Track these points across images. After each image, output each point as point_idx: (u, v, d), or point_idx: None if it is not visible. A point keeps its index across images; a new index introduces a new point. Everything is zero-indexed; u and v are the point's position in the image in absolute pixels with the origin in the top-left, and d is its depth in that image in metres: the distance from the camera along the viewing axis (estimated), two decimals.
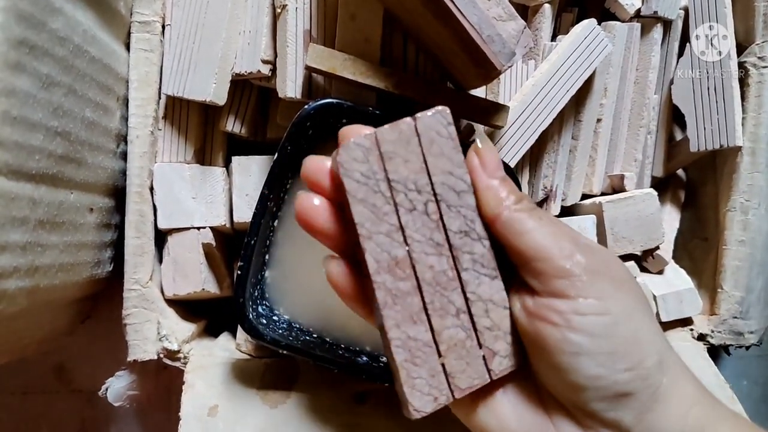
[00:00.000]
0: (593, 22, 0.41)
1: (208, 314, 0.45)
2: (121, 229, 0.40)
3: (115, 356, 0.42)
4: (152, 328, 0.38)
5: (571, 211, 0.45)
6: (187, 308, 0.42)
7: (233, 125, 0.40)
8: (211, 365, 0.38)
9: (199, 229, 0.39)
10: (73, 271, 0.35)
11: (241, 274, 0.34)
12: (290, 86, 0.35)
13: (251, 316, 0.34)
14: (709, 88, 0.43)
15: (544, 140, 0.42)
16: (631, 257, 0.44)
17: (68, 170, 0.33)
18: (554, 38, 0.43)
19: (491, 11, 0.30)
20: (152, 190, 0.39)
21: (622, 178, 0.44)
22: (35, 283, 0.31)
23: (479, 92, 0.40)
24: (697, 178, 0.49)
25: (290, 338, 0.35)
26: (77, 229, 0.35)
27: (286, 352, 0.34)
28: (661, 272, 0.46)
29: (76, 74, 0.33)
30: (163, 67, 0.38)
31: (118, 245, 0.41)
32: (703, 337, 0.44)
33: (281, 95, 0.36)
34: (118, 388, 0.41)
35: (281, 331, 0.35)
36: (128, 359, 0.38)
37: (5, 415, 0.48)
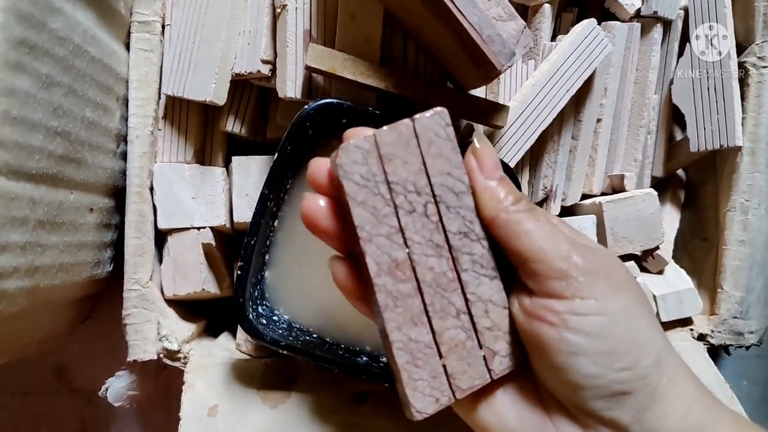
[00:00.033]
0: (593, 22, 0.41)
1: (208, 314, 0.45)
2: (121, 229, 0.40)
3: (115, 356, 0.42)
4: (152, 328, 0.38)
5: (571, 211, 0.45)
6: (187, 308, 0.42)
7: (233, 125, 0.40)
8: (211, 365, 0.38)
9: (199, 229, 0.39)
10: (73, 271, 0.35)
11: (241, 274, 0.34)
12: (290, 86, 0.35)
13: (251, 316, 0.34)
14: (709, 88, 0.43)
15: (544, 140, 0.42)
16: (631, 257, 0.44)
17: (68, 170, 0.33)
18: (554, 38, 0.43)
19: (491, 11, 0.30)
20: (152, 190, 0.39)
21: (622, 178, 0.44)
22: (35, 283, 0.31)
23: (479, 92, 0.40)
24: (697, 178, 0.49)
25: (290, 338, 0.35)
26: (77, 229, 0.35)
27: (286, 352, 0.34)
28: (661, 272, 0.46)
29: (76, 74, 0.33)
30: (163, 67, 0.38)
31: (118, 245, 0.41)
32: (703, 337, 0.44)
33: (281, 95, 0.36)
34: (118, 388, 0.41)
35: (281, 331, 0.35)
36: (128, 359, 0.38)
37: (5, 415, 0.48)
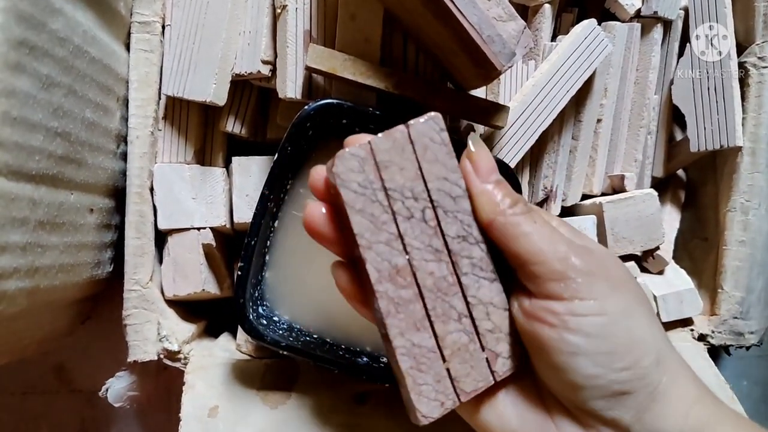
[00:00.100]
0: (593, 22, 0.41)
1: (208, 315, 0.45)
2: (121, 229, 0.40)
3: (115, 357, 0.42)
4: (152, 328, 0.38)
5: (571, 211, 0.45)
6: (187, 309, 0.42)
7: (233, 126, 0.40)
8: (211, 366, 0.38)
9: (199, 229, 0.39)
10: (73, 271, 0.35)
11: (241, 274, 0.34)
12: (290, 86, 0.35)
13: (251, 316, 0.34)
14: (709, 88, 0.43)
15: (544, 140, 0.42)
16: (631, 257, 0.44)
17: (68, 171, 0.33)
18: (554, 38, 0.43)
19: (491, 11, 0.30)
20: (152, 190, 0.39)
21: (622, 178, 0.44)
22: (35, 283, 0.31)
23: (479, 92, 0.40)
24: (697, 178, 0.49)
25: (290, 339, 0.35)
26: (77, 229, 0.35)
27: (286, 352, 0.34)
28: (661, 272, 0.46)
29: (76, 75, 0.33)
30: (163, 67, 0.38)
31: (118, 246, 0.41)
32: (703, 337, 0.44)
33: (281, 96, 0.36)
34: (118, 388, 0.41)
35: (281, 331, 0.35)
36: (128, 360, 0.38)
37: (5, 415, 0.48)
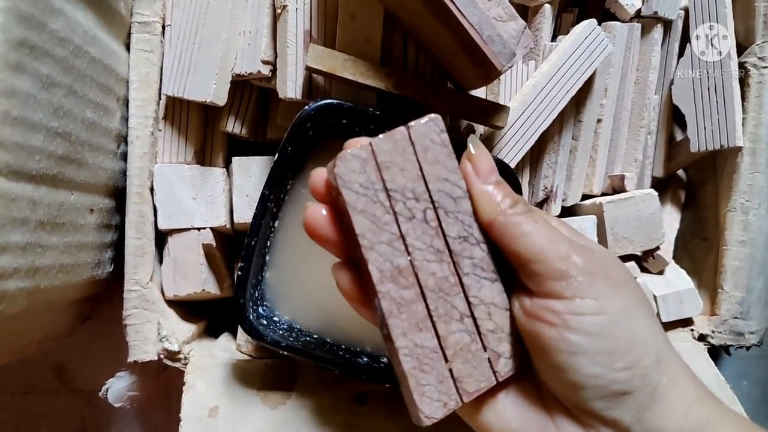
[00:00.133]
0: (593, 22, 0.41)
1: (208, 315, 0.45)
2: (121, 229, 0.40)
3: (115, 357, 0.42)
4: (152, 328, 0.38)
5: (571, 211, 0.45)
6: (187, 309, 0.42)
7: (233, 126, 0.40)
8: (211, 366, 0.38)
9: (199, 229, 0.39)
10: (73, 271, 0.35)
11: (241, 274, 0.34)
12: (290, 87, 0.35)
13: (252, 316, 0.34)
14: (709, 88, 0.43)
15: (544, 141, 0.42)
16: (631, 257, 0.44)
17: (69, 171, 0.33)
18: (554, 38, 0.43)
19: (491, 11, 0.30)
20: (152, 190, 0.39)
21: (622, 178, 0.44)
22: (35, 283, 0.31)
23: (479, 92, 0.40)
24: (697, 178, 0.49)
25: (291, 339, 0.35)
26: (77, 229, 0.35)
27: (286, 352, 0.34)
28: (661, 272, 0.46)
29: (76, 75, 0.33)
30: (163, 67, 0.38)
31: (118, 246, 0.41)
32: (703, 337, 0.44)
33: (281, 96, 0.36)
34: (118, 388, 0.41)
35: (282, 331, 0.35)
36: (128, 360, 0.38)
37: (5, 415, 0.48)
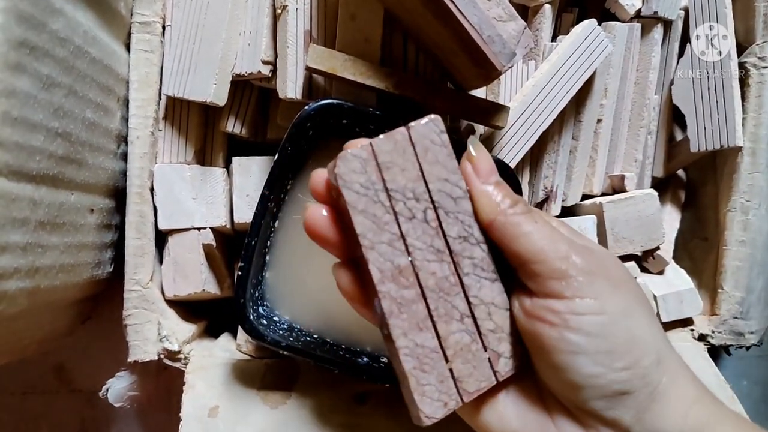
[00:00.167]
0: (593, 22, 0.41)
1: (208, 315, 0.45)
2: (121, 229, 0.40)
3: (115, 357, 0.42)
4: (153, 328, 0.38)
5: (571, 211, 0.45)
6: (187, 309, 0.42)
7: (233, 126, 0.40)
8: (211, 366, 0.38)
9: (199, 229, 0.39)
10: (73, 271, 0.35)
11: (241, 274, 0.34)
12: (290, 87, 0.35)
13: (252, 316, 0.34)
14: (709, 88, 0.43)
15: (544, 141, 0.42)
16: (631, 257, 0.44)
17: (69, 171, 0.33)
18: (554, 38, 0.43)
19: (491, 11, 0.30)
20: (152, 190, 0.39)
21: (622, 178, 0.44)
22: (36, 283, 0.31)
23: (479, 92, 0.40)
24: (697, 178, 0.49)
25: (291, 339, 0.35)
26: (78, 230, 0.35)
27: (286, 352, 0.34)
28: (661, 272, 0.46)
29: (76, 75, 0.33)
30: (163, 67, 0.38)
31: (118, 246, 0.41)
32: (703, 337, 0.44)
33: (281, 96, 0.36)
34: (118, 388, 0.41)
35: (282, 331, 0.35)
36: (129, 360, 0.38)
37: (5, 415, 0.48)
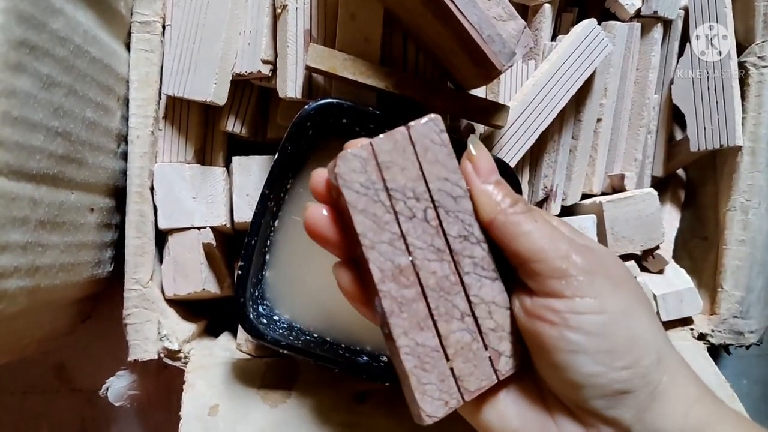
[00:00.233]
0: (593, 21, 0.41)
1: (208, 314, 0.45)
2: (121, 229, 0.40)
3: (115, 356, 0.42)
4: (153, 327, 0.38)
5: (571, 210, 0.45)
6: (187, 308, 0.42)
7: (233, 125, 0.40)
8: (211, 365, 0.38)
9: (199, 229, 0.39)
10: (73, 271, 0.35)
11: (241, 274, 0.34)
12: (290, 86, 0.35)
13: (252, 315, 0.34)
14: (709, 88, 0.43)
15: (544, 140, 0.42)
16: (631, 257, 0.44)
17: (69, 170, 0.33)
18: (554, 38, 0.43)
19: (491, 11, 0.30)
20: (152, 190, 0.39)
21: (622, 177, 0.44)
22: (36, 282, 0.31)
23: (479, 92, 0.40)
24: (697, 177, 0.49)
25: (291, 338, 0.35)
26: (78, 229, 0.35)
27: (286, 351, 0.34)
28: (661, 272, 0.46)
29: (76, 74, 0.33)
30: (163, 67, 0.38)
31: (118, 245, 0.41)
32: (703, 336, 0.44)
33: (281, 95, 0.36)
34: (118, 387, 0.41)
35: (282, 330, 0.35)
36: (129, 359, 0.38)
37: (5, 414, 0.48)
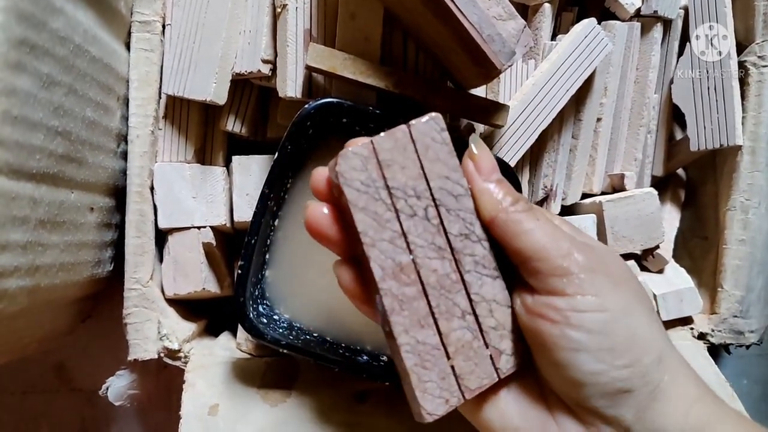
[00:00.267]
0: (593, 21, 0.41)
1: (208, 313, 0.45)
2: (121, 228, 0.40)
3: (115, 355, 0.42)
4: (153, 327, 0.38)
5: (571, 210, 0.45)
6: (187, 307, 0.42)
7: (233, 125, 0.40)
8: (211, 364, 0.38)
9: (199, 228, 0.39)
10: (73, 270, 0.35)
11: (241, 273, 0.34)
12: (290, 86, 0.35)
13: (252, 315, 0.34)
14: (709, 87, 0.43)
15: (544, 139, 0.42)
16: (631, 256, 0.44)
17: (69, 170, 0.33)
18: (554, 37, 0.43)
19: (491, 10, 0.30)
20: (152, 189, 0.39)
21: (622, 177, 0.44)
22: (36, 282, 0.31)
23: (479, 91, 0.40)
24: (697, 177, 0.49)
25: (291, 337, 0.35)
26: (78, 228, 0.35)
27: (286, 351, 0.34)
28: (661, 271, 0.46)
29: (76, 74, 0.33)
30: (163, 66, 0.38)
31: (118, 245, 0.41)
32: (703, 336, 0.44)
33: (281, 95, 0.36)
34: (118, 387, 0.41)
35: (282, 330, 0.35)
36: (129, 358, 0.38)
37: (5, 414, 0.48)
